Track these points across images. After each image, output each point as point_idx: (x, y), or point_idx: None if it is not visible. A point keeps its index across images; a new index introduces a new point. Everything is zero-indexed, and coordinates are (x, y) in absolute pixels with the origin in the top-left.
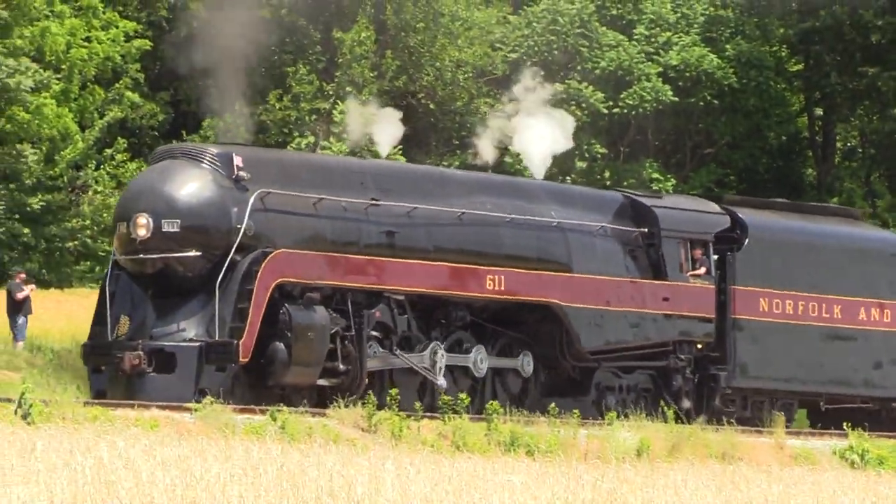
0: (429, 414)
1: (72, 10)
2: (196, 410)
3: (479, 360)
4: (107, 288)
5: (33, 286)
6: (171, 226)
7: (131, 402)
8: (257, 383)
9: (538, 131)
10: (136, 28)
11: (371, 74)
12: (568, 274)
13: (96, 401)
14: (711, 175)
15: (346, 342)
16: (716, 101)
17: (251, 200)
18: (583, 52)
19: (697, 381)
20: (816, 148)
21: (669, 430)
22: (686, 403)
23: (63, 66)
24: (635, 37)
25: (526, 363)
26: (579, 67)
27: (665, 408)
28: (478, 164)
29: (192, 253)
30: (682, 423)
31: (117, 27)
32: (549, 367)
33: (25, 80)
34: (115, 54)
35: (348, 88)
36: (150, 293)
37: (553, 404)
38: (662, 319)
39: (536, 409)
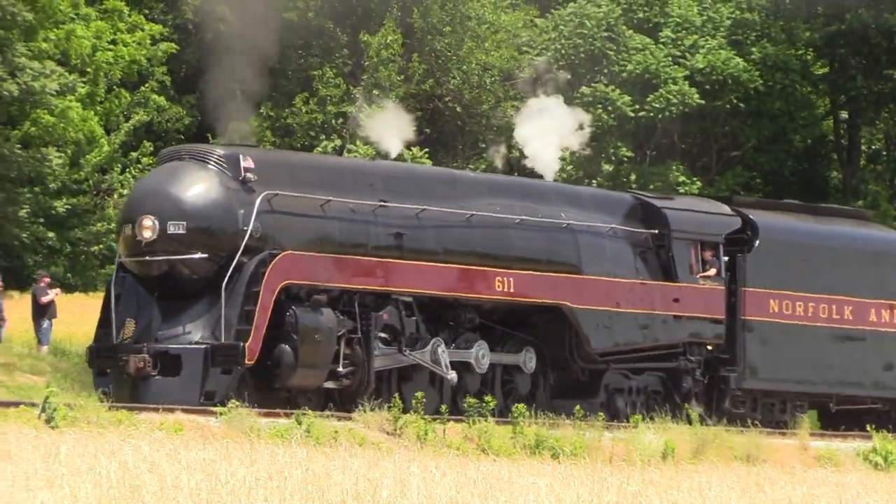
0: (453, 416)
1: (97, 12)
2: (221, 414)
3: (481, 355)
4: (112, 290)
5: (58, 290)
6: (176, 227)
7: (156, 405)
8: (264, 386)
9: (545, 130)
10: (163, 31)
11: (398, 78)
12: (578, 275)
13: (121, 404)
14: (737, 178)
15: (354, 344)
16: (741, 105)
17: (258, 202)
18: (609, 56)
19: (707, 382)
20: (841, 151)
21: (694, 432)
22: (696, 405)
23: (89, 70)
24: (661, 40)
25: (528, 359)
26: (606, 70)
27: (689, 410)
28: (500, 168)
29: (198, 255)
30: (704, 424)
31: (143, 30)
32: (559, 368)
33: (51, 84)
34: (141, 57)
35: (375, 91)
36: (156, 295)
37: (574, 406)
38: (672, 321)
39: (545, 410)
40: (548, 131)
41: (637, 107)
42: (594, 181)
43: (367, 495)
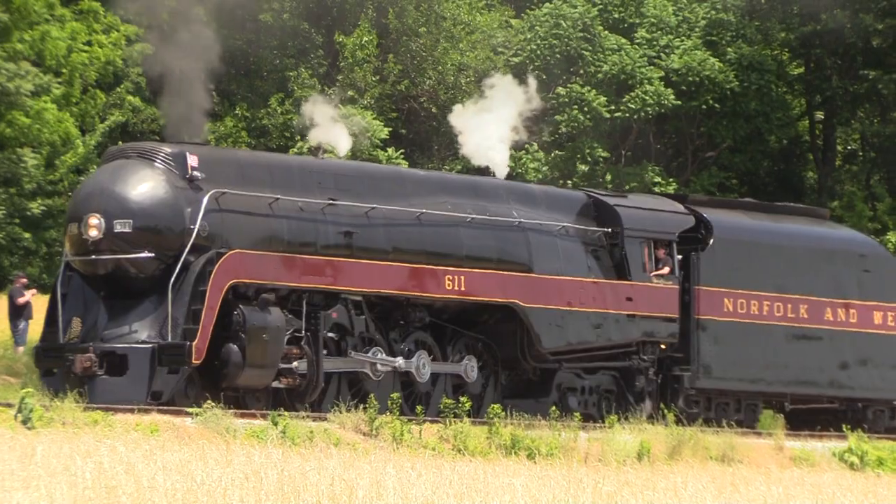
0: (430, 418)
1: (73, 13)
2: (196, 415)
3: (422, 364)
4: (58, 289)
5: (34, 291)
6: (123, 226)
7: (131, 406)
8: (211, 386)
9: (492, 129)
10: (138, 32)
11: (373, 78)
12: (529, 274)
13: (97, 405)
14: (713, 179)
15: (303, 344)
16: (717, 105)
17: (205, 200)
18: (585, 56)
19: (661, 381)
20: (817, 151)
21: (669, 432)
22: (648, 404)
23: (64, 71)
24: (636, 40)
25: (469, 368)
26: (582, 71)
27: (665, 410)
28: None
29: (145, 254)
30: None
31: (118, 31)
32: (511, 367)
33: (26, 85)
34: (116, 58)
35: (350, 92)
36: (102, 294)
37: (526, 405)
38: (625, 320)
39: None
40: (496, 126)
41: (613, 107)
42: (570, 182)
43: (343, 496)
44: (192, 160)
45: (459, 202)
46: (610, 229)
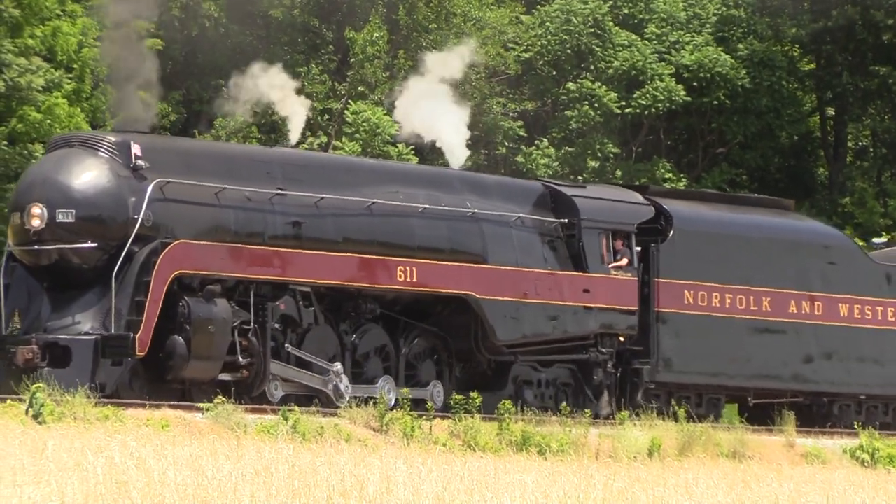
0: (441, 413)
1: (83, 9)
2: (207, 410)
3: (387, 390)
4: (0, 281)
5: None
6: (65, 216)
7: (143, 401)
8: (156, 378)
9: (448, 116)
10: (148, 27)
11: (384, 74)
12: (483, 265)
13: (108, 400)
14: (724, 175)
15: (250, 335)
16: (728, 101)
17: (149, 190)
18: (596, 52)
19: (620, 375)
20: (828, 147)
21: (680, 429)
22: (606, 398)
23: (75, 66)
24: (647, 36)
25: (436, 393)
26: (592, 67)
27: (676, 407)
28: (485, 165)
29: (88, 244)
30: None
31: (130, 26)
32: (465, 360)
33: (37, 80)
34: None
35: (360, 88)
36: (46, 285)
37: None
38: (582, 312)
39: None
40: (447, 112)
41: (623, 103)
42: (580, 177)
43: (353, 491)
44: (136, 149)
45: (412, 192)
46: (567, 220)
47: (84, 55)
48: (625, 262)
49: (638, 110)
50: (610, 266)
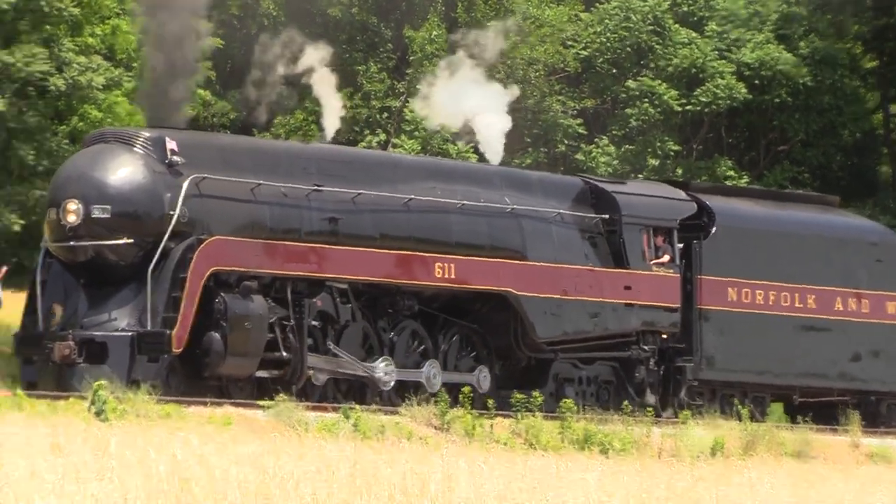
0: (502, 412)
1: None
2: (269, 408)
3: (433, 374)
4: (38, 277)
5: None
6: (101, 212)
7: (204, 399)
8: (193, 374)
9: (486, 109)
10: (208, 26)
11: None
12: (522, 261)
13: (170, 397)
14: (785, 173)
15: (287, 332)
16: (790, 99)
17: (185, 186)
18: (656, 50)
19: (662, 373)
20: (891, 145)
21: (743, 428)
22: (650, 397)
23: (135, 64)
24: (707, 33)
25: (482, 377)
26: (652, 65)
27: (738, 405)
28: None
29: (124, 240)
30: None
31: None
32: (504, 357)
33: (97, 78)
34: None
35: (419, 86)
36: (82, 282)
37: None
38: (623, 309)
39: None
40: (488, 108)
41: (684, 101)
42: (640, 175)
43: (414, 490)
44: (172, 144)
45: (450, 188)
46: (608, 216)
47: (144, 53)
48: (667, 258)
49: (698, 108)
50: (652, 263)
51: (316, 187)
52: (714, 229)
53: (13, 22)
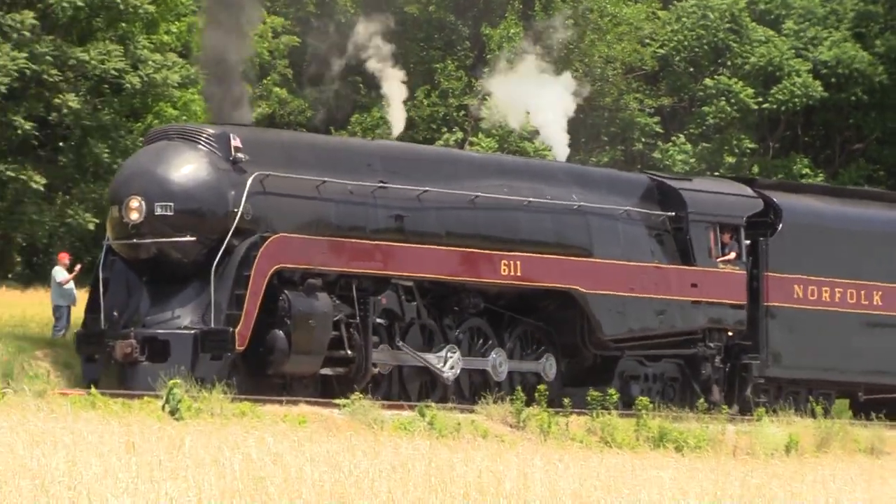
0: (577, 410)
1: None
2: (344, 406)
3: (499, 363)
4: (100, 274)
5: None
6: (164, 209)
7: (279, 398)
8: (257, 373)
9: (551, 104)
10: (284, 24)
11: None
12: (589, 259)
13: (245, 396)
14: (861, 171)
15: (351, 330)
16: (866, 97)
17: (249, 183)
18: (732, 48)
19: (728, 370)
20: None
21: (817, 425)
22: (716, 394)
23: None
24: (784, 32)
25: (549, 366)
26: (729, 63)
27: (813, 403)
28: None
29: (187, 238)
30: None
31: (265, 23)
32: (570, 355)
33: (173, 76)
34: (262, 50)
35: (482, 83)
36: (145, 279)
37: (586, 393)
38: (690, 306)
39: (556, 398)
40: (551, 105)
41: (760, 99)
42: (716, 173)
43: (490, 488)
44: (236, 141)
45: (516, 185)
46: (674, 213)
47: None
48: (733, 255)
49: (775, 106)
50: (718, 260)
51: (381, 184)
52: (781, 226)
53: (88, 19)
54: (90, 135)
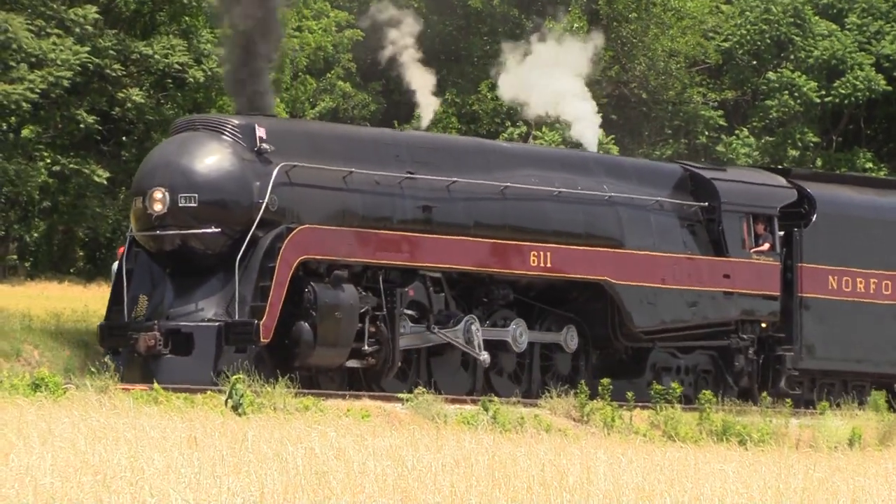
0: (640, 402)
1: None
2: (407, 401)
3: (519, 333)
4: (123, 266)
5: None
6: (188, 200)
7: (342, 392)
8: (282, 365)
9: (580, 94)
10: (348, 18)
11: None
12: (620, 250)
13: (308, 390)
14: None
15: (378, 322)
16: None
17: (274, 174)
18: (795, 42)
19: (762, 362)
20: None
21: (881, 418)
22: (748, 384)
23: (274, 56)
24: (847, 26)
25: (569, 338)
26: (792, 56)
27: (876, 397)
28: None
29: (212, 229)
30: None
31: (329, 17)
32: (601, 347)
33: None
34: (326, 44)
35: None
36: (169, 271)
37: (618, 386)
38: (722, 298)
39: (588, 390)
40: (578, 93)
41: (823, 93)
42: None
43: (553, 482)
44: (261, 132)
45: (546, 175)
46: (707, 203)
47: (283, 45)
48: (767, 246)
49: (838, 100)
50: (752, 251)
51: (409, 175)
52: (815, 217)
53: (152, 13)
54: (153, 129)
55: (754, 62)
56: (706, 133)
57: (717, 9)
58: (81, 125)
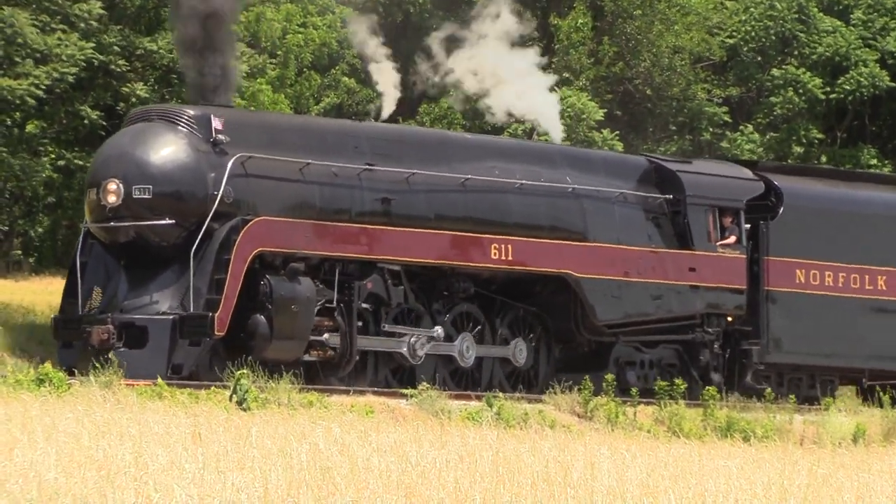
0: (645, 399)
1: None
2: (411, 396)
3: (465, 348)
4: (77, 258)
5: None
6: (142, 192)
7: (347, 388)
8: (239, 359)
9: (536, 82)
10: (353, 13)
11: (588, 61)
12: (583, 243)
13: (312, 386)
14: None
15: (336, 315)
16: None
17: (229, 165)
18: (800, 38)
19: (728, 356)
20: None
21: (885, 415)
22: (715, 379)
23: (279, 52)
24: (852, 22)
25: (518, 351)
26: (796, 52)
27: (881, 393)
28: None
29: (166, 221)
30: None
31: (333, 13)
32: (564, 341)
33: (241, 66)
34: (331, 40)
35: (565, 74)
36: (123, 263)
37: (581, 380)
38: (688, 291)
39: (547, 386)
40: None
41: (828, 89)
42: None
43: (557, 478)
44: (217, 123)
45: (509, 167)
46: (672, 196)
47: (288, 41)
48: (733, 239)
49: (842, 96)
50: (717, 244)
51: (368, 167)
52: (782, 210)
53: (156, 9)
54: None
55: (759, 58)
56: (710, 129)
57: (721, 5)
58: (86, 121)
